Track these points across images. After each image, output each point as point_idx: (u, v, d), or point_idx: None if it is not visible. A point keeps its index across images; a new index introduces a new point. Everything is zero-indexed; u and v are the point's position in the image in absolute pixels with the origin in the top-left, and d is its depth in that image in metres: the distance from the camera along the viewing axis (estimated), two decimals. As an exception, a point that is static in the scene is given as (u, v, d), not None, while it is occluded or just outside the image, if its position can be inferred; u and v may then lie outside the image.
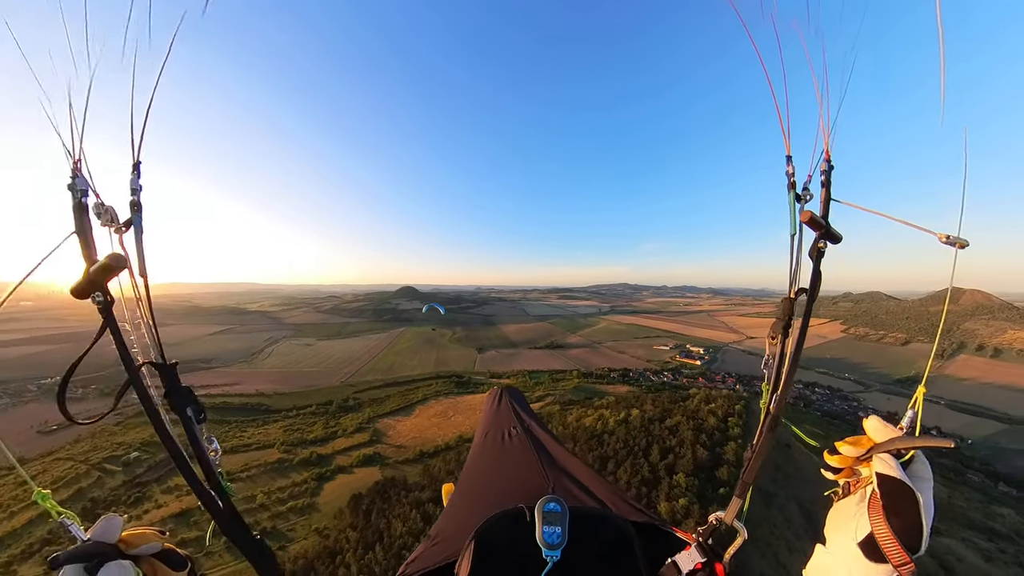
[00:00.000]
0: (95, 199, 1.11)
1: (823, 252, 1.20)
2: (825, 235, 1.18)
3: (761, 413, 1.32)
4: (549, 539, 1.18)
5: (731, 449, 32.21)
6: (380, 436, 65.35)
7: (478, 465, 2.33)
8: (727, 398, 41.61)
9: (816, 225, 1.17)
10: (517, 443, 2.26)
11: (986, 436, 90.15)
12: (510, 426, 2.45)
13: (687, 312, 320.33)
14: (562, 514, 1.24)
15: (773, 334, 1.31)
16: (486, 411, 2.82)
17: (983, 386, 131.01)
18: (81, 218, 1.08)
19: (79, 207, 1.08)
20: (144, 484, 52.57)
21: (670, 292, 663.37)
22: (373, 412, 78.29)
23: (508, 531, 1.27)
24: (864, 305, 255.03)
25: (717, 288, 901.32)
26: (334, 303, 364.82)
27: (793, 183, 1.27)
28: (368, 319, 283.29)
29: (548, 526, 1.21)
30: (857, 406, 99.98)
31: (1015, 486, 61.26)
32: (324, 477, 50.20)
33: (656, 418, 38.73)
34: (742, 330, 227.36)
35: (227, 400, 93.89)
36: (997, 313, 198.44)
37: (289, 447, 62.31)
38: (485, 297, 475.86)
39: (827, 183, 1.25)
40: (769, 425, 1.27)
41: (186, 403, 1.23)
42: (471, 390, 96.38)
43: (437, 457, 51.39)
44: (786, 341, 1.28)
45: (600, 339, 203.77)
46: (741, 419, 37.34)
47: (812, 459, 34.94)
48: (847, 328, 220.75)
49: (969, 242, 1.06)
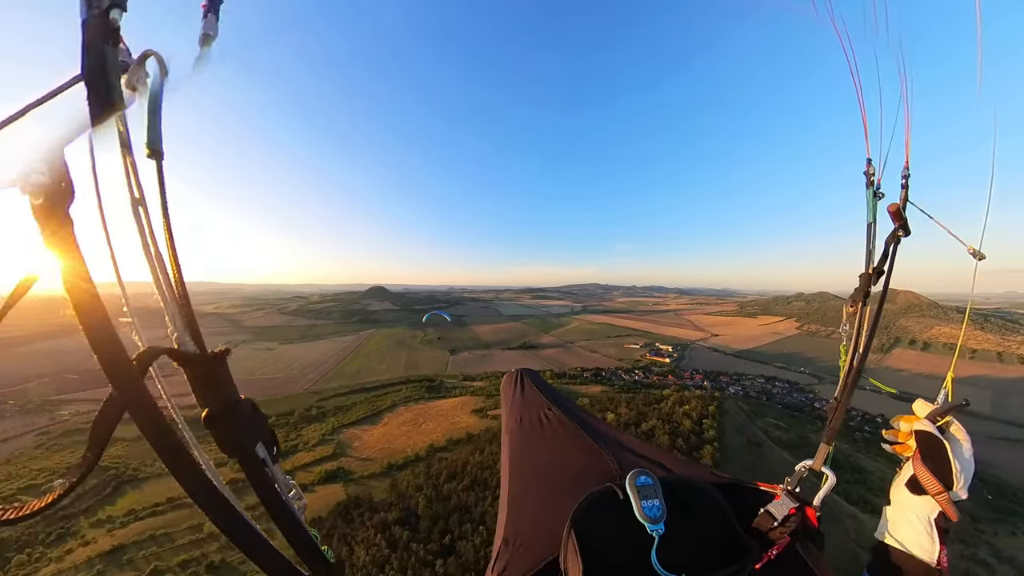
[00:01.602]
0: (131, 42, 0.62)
1: (900, 240, 1.44)
2: (903, 227, 1.44)
3: (841, 370, 1.51)
4: (651, 513, 1.16)
5: (707, 453, 32.29)
6: (345, 448, 61.54)
7: (524, 456, 2.16)
8: (700, 399, 42.06)
9: (897, 217, 1.42)
10: (557, 425, 2.17)
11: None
12: (543, 409, 2.32)
13: (656, 311, 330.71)
14: (654, 486, 1.23)
15: (852, 302, 1.51)
16: (508, 397, 2.62)
17: (916, 376, 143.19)
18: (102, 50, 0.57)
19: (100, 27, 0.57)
20: (69, 517, 46.53)
21: (639, 292, 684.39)
22: (338, 422, 73.94)
23: (603, 513, 1.22)
24: (815, 304, 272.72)
25: (683, 288, 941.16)
26: (299, 304, 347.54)
27: (872, 181, 1.50)
28: (336, 321, 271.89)
29: (646, 500, 1.18)
30: (813, 398, 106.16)
31: (951, 468, 67.12)
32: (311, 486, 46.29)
33: (631, 422, 38.46)
34: (707, 328, 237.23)
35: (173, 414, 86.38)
36: (926, 311, 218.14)
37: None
38: (458, 297, 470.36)
39: (906, 187, 1.50)
40: (853, 379, 1.45)
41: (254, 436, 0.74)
42: (442, 395, 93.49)
43: (406, 470, 48.71)
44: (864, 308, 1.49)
45: (573, 339, 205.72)
46: (715, 420, 37.73)
47: (782, 456, 35.73)
48: (801, 325, 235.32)
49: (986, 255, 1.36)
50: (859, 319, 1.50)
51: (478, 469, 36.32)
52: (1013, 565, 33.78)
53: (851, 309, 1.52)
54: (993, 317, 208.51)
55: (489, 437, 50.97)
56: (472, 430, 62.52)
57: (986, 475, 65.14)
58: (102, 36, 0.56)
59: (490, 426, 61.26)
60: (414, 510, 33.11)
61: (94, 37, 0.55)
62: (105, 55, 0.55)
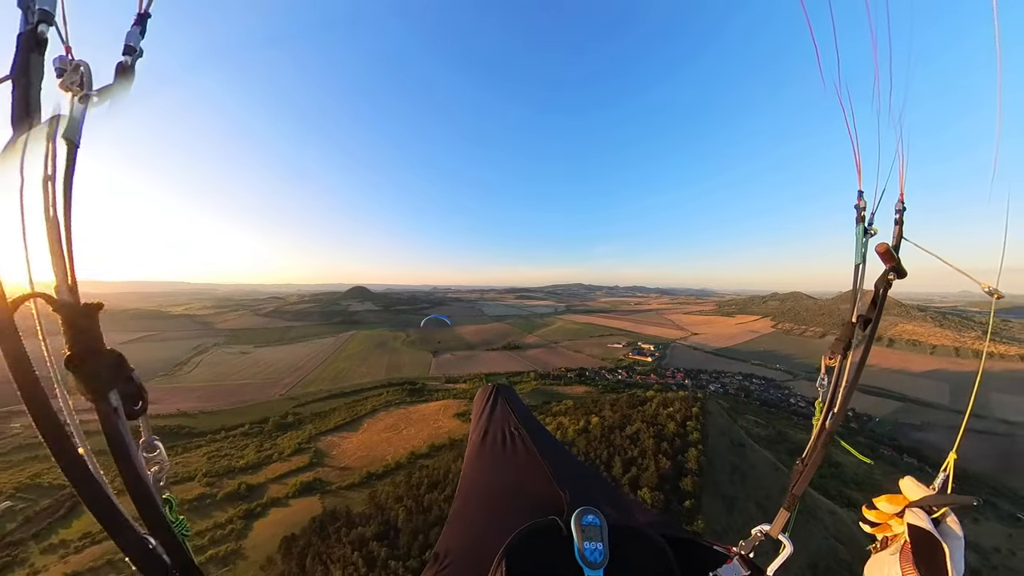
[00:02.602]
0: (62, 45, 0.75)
1: (891, 284, 1.28)
2: (895, 269, 1.25)
3: (814, 429, 1.37)
4: (591, 556, 1.03)
5: (692, 456, 32.21)
6: (322, 457, 59.20)
7: (479, 472, 2.16)
8: (684, 400, 42.24)
9: (889, 258, 1.24)
10: (520, 446, 2.12)
11: (888, 413, 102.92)
12: (509, 427, 2.28)
13: (638, 311, 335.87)
14: (601, 528, 1.10)
15: (831, 354, 1.36)
16: (479, 411, 2.61)
17: (882, 371, 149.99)
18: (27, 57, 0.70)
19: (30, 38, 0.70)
20: (17, 544, 42.77)
21: (622, 292, 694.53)
22: (315, 429, 71.26)
23: (541, 547, 1.12)
24: (788, 303, 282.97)
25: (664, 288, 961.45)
26: (276, 304, 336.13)
27: (862, 216, 1.33)
28: (314, 322, 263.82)
29: (589, 542, 1.06)
30: (788, 393, 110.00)
31: (915, 456, 70.70)
32: (254, 514, 43.77)
33: (616, 426, 38.20)
34: (688, 327, 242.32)
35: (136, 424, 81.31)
36: (890, 310, 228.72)
37: (213, 478, 54.19)
38: (441, 297, 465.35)
39: (900, 222, 1.33)
40: (823, 442, 1.31)
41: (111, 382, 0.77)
42: (424, 398, 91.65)
43: (386, 479, 47.05)
44: (844, 362, 1.34)
45: (557, 339, 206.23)
46: (699, 422, 37.85)
47: (765, 456, 36.24)
48: (776, 324, 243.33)
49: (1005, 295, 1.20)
50: (837, 373, 1.33)
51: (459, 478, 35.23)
52: (979, 551, 35.21)
53: (830, 361, 1.34)
54: (950, 315, 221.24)
55: (472, 443, 49.80)
56: (455, 435, 61.24)
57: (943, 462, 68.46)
58: (29, 46, 0.69)
59: (473, 431, 60.12)
60: (393, 523, 31.74)
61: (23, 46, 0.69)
62: (29, 62, 0.69)
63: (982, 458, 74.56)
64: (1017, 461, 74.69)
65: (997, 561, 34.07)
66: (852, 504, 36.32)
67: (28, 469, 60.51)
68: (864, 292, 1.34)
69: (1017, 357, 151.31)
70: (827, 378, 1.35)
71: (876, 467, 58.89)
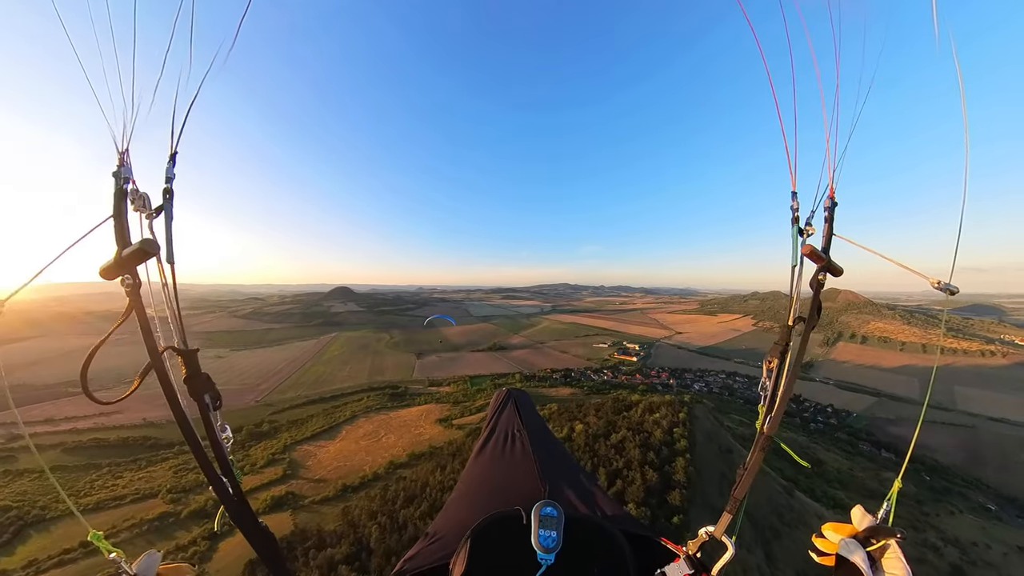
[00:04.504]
0: (132, 185, 1.20)
1: (823, 284, 1.31)
2: (826, 268, 1.28)
3: (757, 432, 1.40)
4: (544, 543, 1.23)
5: (680, 467, 31.14)
6: (297, 468, 56.38)
7: (478, 467, 2.37)
8: (670, 405, 41.38)
9: (817, 258, 1.28)
10: (519, 447, 2.31)
11: (864, 408, 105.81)
12: (513, 429, 2.49)
13: (623, 310, 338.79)
14: (558, 519, 1.29)
15: (770, 358, 1.38)
16: (492, 413, 2.83)
17: (857, 367, 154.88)
18: (119, 203, 1.16)
19: (119, 193, 1.17)
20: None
21: (607, 292, 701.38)
22: (291, 437, 68.14)
23: (504, 532, 1.31)
24: (768, 302, 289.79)
25: (649, 287, 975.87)
26: (256, 306, 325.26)
27: (796, 218, 1.35)
28: (295, 324, 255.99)
29: (544, 530, 1.26)
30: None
31: (893, 451, 72.31)
32: (220, 534, 40.86)
33: (600, 433, 37.09)
34: (672, 326, 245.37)
35: (100, 436, 76.21)
36: (863, 308, 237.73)
37: (178, 495, 50.85)
38: (427, 298, 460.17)
39: (830, 219, 1.33)
40: (762, 445, 1.36)
41: (204, 389, 1.32)
42: (406, 403, 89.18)
43: (361, 492, 44.77)
44: (782, 366, 1.36)
45: (543, 339, 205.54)
46: (686, 428, 37.01)
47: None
48: (757, 322, 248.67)
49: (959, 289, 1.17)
50: (776, 376, 1.34)
51: (437, 491, 33.43)
52: (958, 546, 35.54)
53: (770, 365, 1.35)
54: (917, 313, 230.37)
55: (452, 451, 48.12)
56: (436, 442, 59.32)
57: (922, 457, 70.45)
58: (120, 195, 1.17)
59: (454, 437, 58.38)
60: (366, 543, 29.80)
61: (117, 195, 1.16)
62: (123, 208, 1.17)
63: (950, 450, 77.09)
64: (983, 452, 77.56)
65: (975, 556, 34.39)
66: (838, 505, 36.20)
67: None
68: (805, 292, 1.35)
69: (978, 352, 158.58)
70: (768, 381, 1.36)
71: (857, 463, 59.83)
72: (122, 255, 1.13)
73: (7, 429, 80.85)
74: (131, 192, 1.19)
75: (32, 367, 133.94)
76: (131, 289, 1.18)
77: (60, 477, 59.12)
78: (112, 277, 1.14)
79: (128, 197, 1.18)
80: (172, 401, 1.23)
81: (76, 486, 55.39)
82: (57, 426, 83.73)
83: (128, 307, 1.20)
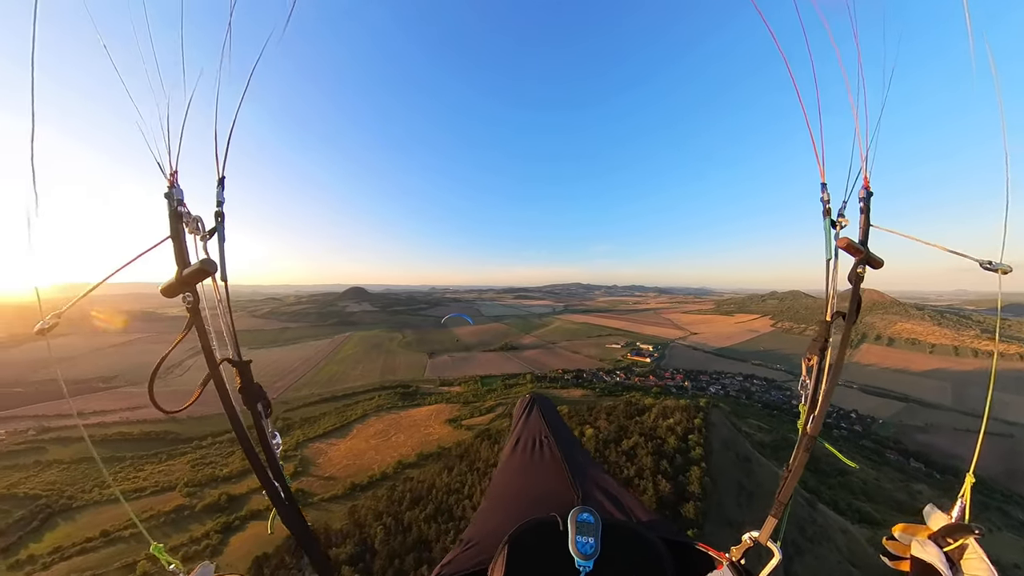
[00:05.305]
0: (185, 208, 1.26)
1: (862, 277, 1.24)
2: (864, 260, 1.22)
3: (798, 432, 1.36)
4: (582, 549, 1.19)
5: (695, 477, 29.57)
6: (308, 465, 57.06)
7: (508, 473, 2.40)
8: (685, 410, 39.70)
9: (855, 251, 1.22)
10: (547, 453, 2.32)
11: (891, 415, 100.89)
12: (540, 435, 2.50)
13: (636, 310, 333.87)
14: (595, 525, 1.26)
15: (809, 355, 1.35)
16: (517, 419, 2.88)
17: (883, 370, 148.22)
18: (176, 225, 1.23)
19: (175, 215, 1.23)
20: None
21: (620, 291, 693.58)
22: (303, 435, 69.12)
23: (540, 539, 1.30)
24: (788, 302, 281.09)
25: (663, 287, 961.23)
26: (273, 306, 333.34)
27: (828, 210, 1.31)
28: (310, 323, 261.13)
29: (581, 536, 1.23)
30: (791, 395, 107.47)
31: (923, 461, 68.37)
32: (231, 527, 41.62)
33: (611, 439, 35.95)
34: (687, 326, 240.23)
35: (125, 430, 78.87)
36: (889, 308, 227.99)
37: (194, 488, 52.18)
38: (439, 298, 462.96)
39: (866, 210, 1.28)
40: (805, 445, 1.32)
41: (257, 398, 1.39)
42: (417, 403, 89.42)
43: (369, 491, 44.81)
44: (823, 362, 1.32)
45: (555, 339, 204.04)
46: (701, 435, 35.39)
47: (773, 472, 33.90)
48: (775, 323, 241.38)
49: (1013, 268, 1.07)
50: (816, 373, 1.30)
51: (444, 494, 33.03)
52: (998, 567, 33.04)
53: (810, 362, 1.32)
54: (948, 313, 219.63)
55: (460, 452, 47.76)
56: (444, 442, 59.05)
57: (956, 469, 66.59)
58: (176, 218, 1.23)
59: (463, 438, 57.96)
60: (370, 544, 29.60)
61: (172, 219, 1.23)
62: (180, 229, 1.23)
63: (987, 462, 72.69)
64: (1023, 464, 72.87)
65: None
66: (864, 519, 34.01)
67: (5, 479, 58.30)
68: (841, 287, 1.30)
69: (1017, 356, 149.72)
70: (808, 379, 1.33)
71: (884, 473, 56.85)
72: (183, 274, 1.19)
73: (38, 422, 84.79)
74: (185, 215, 1.24)
75: (63, 363, 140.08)
76: (191, 306, 1.25)
77: (88, 468, 61.61)
78: (174, 295, 1.22)
79: (183, 219, 1.23)
80: (229, 409, 1.29)
81: (100, 477, 57.51)
82: (87, 419, 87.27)
83: (188, 322, 1.27)
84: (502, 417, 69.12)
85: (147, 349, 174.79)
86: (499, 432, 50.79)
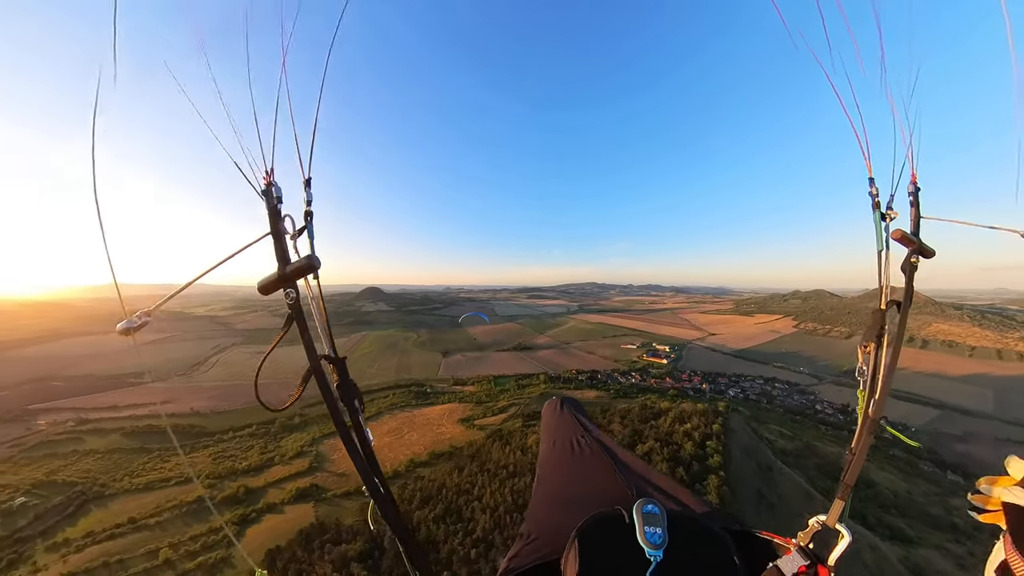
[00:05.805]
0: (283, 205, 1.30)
1: (916, 267, 1.33)
2: (918, 251, 1.31)
3: (859, 418, 1.45)
4: (651, 539, 1.21)
5: (713, 486, 28.21)
6: (323, 461, 58.11)
7: (552, 473, 2.45)
8: (703, 415, 38.11)
9: (908, 242, 1.31)
10: (588, 452, 2.39)
11: (925, 423, 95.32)
12: (577, 435, 2.56)
13: (652, 310, 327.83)
14: (660, 516, 1.29)
15: (865, 343, 1.43)
16: (547, 421, 2.94)
17: (916, 375, 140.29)
18: (276, 222, 1.27)
19: (274, 212, 1.27)
20: (25, 540, 43.16)
21: (636, 291, 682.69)
22: (320, 431, 70.58)
23: (607, 532, 1.32)
24: (811, 302, 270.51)
25: (680, 286, 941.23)
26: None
27: (877, 203, 1.38)
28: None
29: (649, 527, 1.25)
30: (815, 399, 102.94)
31: (960, 474, 63.98)
32: (248, 519, 42.67)
33: (625, 443, 34.80)
34: (704, 327, 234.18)
35: (154, 423, 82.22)
36: (923, 308, 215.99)
37: (215, 480, 53.90)
38: (454, 297, 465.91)
39: (916, 203, 1.36)
40: (868, 428, 1.41)
41: (354, 395, 1.45)
42: (430, 401, 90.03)
43: (382, 489, 45.15)
44: (879, 350, 1.40)
45: (569, 339, 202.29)
46: (720, 442, 33.87)
47: (796, 481, 32.06)
48: (798, 323, 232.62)
49: None
50: (875, 360, 1.38)
51: (453, 494, 32.84)
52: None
53: (866, 350, 1.40)
54: (989, 313, 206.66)
55: (472, 452, 47.66)
56: (456, 442, 59.18)
57: (996, 482, 62.03)
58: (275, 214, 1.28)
59: (475, 438, 57.98)
60: (379, 541, 29.76)
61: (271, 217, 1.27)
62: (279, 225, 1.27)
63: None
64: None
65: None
66: (896, 536, 31.83)
67: (46, 466, 61.59)
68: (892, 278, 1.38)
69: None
70: (865, 367, 1.40)
71: (916, 486, 53.59)
72: (286, 271, 1.23)
73: (76, 414, 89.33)
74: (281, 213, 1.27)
75: (98, 359, 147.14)
76: (293, 302, 1.29)
77: (119, 458, 64.62)
78: (273, 291, 1.26)
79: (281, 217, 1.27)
80: (331, 405, 1.33)
81: (130, 467, 60.10)
82: (120, 412, 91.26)
83: (288, 319, 1.31)
84: (514, 418, 68.67)
85: (176, 347, 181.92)
86: (511, 433, 50.42)
